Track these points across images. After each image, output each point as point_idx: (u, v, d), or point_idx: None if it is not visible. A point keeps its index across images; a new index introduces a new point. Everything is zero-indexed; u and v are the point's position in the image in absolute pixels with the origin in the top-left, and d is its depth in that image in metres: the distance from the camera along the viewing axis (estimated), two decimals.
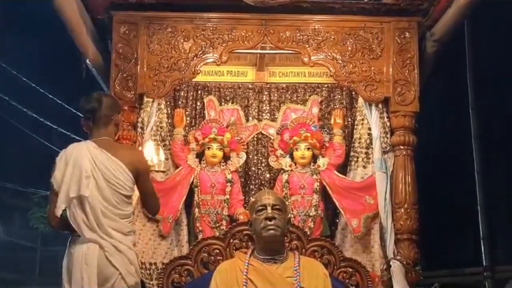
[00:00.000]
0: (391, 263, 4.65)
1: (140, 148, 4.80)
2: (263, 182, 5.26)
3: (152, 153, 4.50)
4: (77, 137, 4.74)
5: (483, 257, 9.50)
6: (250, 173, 5.30)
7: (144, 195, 4.31)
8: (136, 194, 4.36)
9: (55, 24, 4.89)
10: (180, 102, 5.30)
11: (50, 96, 9.63)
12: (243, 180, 5.25)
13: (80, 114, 4.62)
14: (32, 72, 9.34)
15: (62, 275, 4.11)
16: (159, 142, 5.07)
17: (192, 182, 5.05)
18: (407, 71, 4.90)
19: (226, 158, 5.13)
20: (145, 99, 4.94)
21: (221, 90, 5.40)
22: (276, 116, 5.34)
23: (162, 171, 4.71)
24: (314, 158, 5.11)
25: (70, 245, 4.11)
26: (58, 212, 4.05)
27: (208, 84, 5.37)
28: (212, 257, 4.44)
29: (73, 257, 4.03)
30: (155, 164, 4.50)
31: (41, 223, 9.85)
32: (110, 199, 4.09)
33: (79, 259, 4.00)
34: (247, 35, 4.90)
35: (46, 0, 4.44)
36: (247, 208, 4.80)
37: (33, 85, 9.52)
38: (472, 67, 9.40)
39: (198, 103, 5.35)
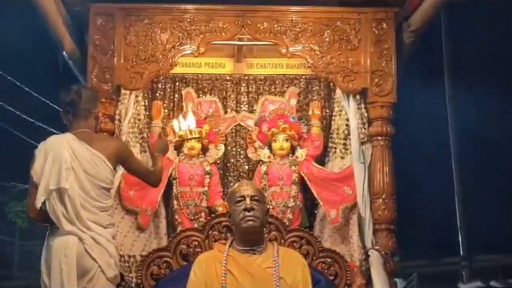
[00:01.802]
0: (369, 253, 4.67)
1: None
2: (241, 174, 5.26)
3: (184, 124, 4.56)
4: (54, 131, 4.71)
5: (460, 247, 9.63)
6: (228, 165, 5.30)
7: (137, 176, 4.35)
8: (114, 186, 4.36)
9: (31, 16, 4.85)
10: (157, 94, 5.28)
11: (27, 89, 9.55)
12: (221, 172, 5.25)
13: (57, 107, 4.61)
14: (7, 65, 9.25)
15: (41, 269, 4.11)
16: (137, 137, 5.06)
17: (171, 174, 5.04)
18: (384, 62, 4.91)
19: (204, 150, 5.12)
20: (123, 91, 4.91)
21: (199, 82, 5.38)
22: (254, 108, 5.34)
23: (197, 137, 4.90)
24: (293, 150, 5.11)
25: (49, 238, 4.10)
26: (38, 204, 4.04)
27: (186, 76, 5.35)
28: (191, 249, 4.44)
29: (52, 249, 4.02)
30: (193, 130, 4.58)
31: (19, 217, 9.77)
32: (90, 191, 4.09)
33: (58, 251, 3.99)
34: (225, 26, 4.88)
35: None
36: (225, 199, 4.81)
37: (9, 78, 9.43)
38: (448, 58, 9.49)
39: (176, 95, 5.33)
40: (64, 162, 4.04)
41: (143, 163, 4.39)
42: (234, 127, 5.32)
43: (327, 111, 5.27)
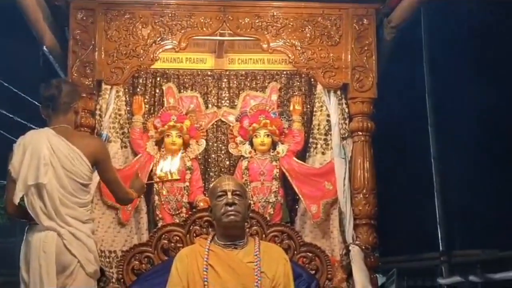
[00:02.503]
0: (350, 248, 4.69)
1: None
2: (222, 169, 5.26)
3: (167, 166, 4.46)
4: (33, 126, 4.67)
5: (440, 242, 9.70)
6: (209, 160, 5.30)
7: (107, 184, 4.29)
8: (94, 182, 4.33)
9: (11, 10, 4.80)
10: (138, 89, 5.26)
11: (5, 84, 9.49)
12: (202, 167, 5.24)
13: (37, 103, 4.57)
14: None
15: (19, 264, 4.08)
16: (118, 132, 5.03)
17: (151, 170, 5.02)
18: (365, 58, 4.92)
19: (185, 145, 5.11)
20: (103, 86, 4.89)
21: (180, 77, 5.36)
22: (236, 103, 5.33)
23: (177, 179, 4.61)
24: (274, 145, 5.12)
25: (27, 233, 4.07)
26: (16, 200, 4.01)
27: (167, 71, 5.33)
28: (173, 244, 4.43)
29: (31, 245, 3.99)
30: (173, 172, 4.44)
31: None
32: (68, 187, 4.07)
33: (37, 247, 3.97)
34: (206, 21, 4.87)
35: None
36: (207, 195, 4.80)
37: None
38: (428, 53, 9.56)
39: (157, 90, 5.32)
40: (42, 157, 4.01)
41: (117, 174, 4.33)
42: (215, 123, 5.32)
43: (308, 106, 5.29)
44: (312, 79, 5.14)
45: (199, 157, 5.20)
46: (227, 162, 5.27)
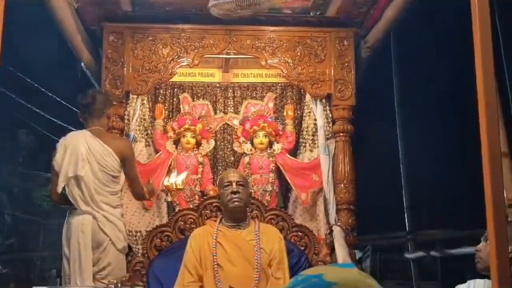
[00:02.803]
0: (333, 228, 4.69)
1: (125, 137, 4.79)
2: (228, 164, 5.23)
3: (174, 178, 4.43)
4: (72, 128, 4.68)
5: (407, 224, 9.68)
6: (217, 156, 5.27)
7: (128, 179, 4.28)
8: (123, 175, 4.33)
9: (55, 34, 4.80)
10: (159, 98, 5.24)
11: (50, 94, 9.48)
12: (212, 162, 5.22)
13: (75, 109, 4.57)
14: (38, 76, 9.20)
15: (62, 242, 4.08)
16: (143, 134, 5.02)
17: (170, 164, 5.00)
18: (345, 72, 4.93)
19: (198, 144, 5.09)
20: (131, 95, 4.90)
21: (193, 88, 5.34)
22: (239, 110, 5.31)
23: (180, 189, 4.50)
24: (270, 144, 5.09)
25: (68, 217, 4.09)
26: (59, 189, 4.04)
27: (183, 84, 5.31)
28: (187, 225, 4.43)
29: (71, 226, 4.01)
30: (175, 183, 4.40)
31: (43, 201, 9.69)
32: (101, 178, 4.08)
33: (76, 227, 3.98)
34: (215, 42, 4.88)
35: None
36: (215, 185, 4.79)
37: (39, 86, 9.37)
38: (396, 67, 9.58)
39: (175, 99, 5.29)
40: (80, 154, 4.03)
41: (138, 173, 4.30)
42: (222, 126, 5.29)
43: (299, 112, 5.26)
44: (302, 90, 5.12)
45: (209, 154, 5.18)
46: (232, 158, 5.25)
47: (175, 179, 4.38)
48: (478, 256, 3.27)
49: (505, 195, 2.87)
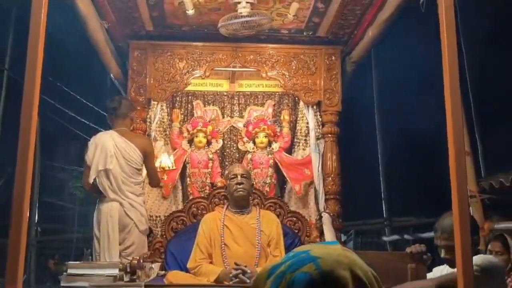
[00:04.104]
0: (322, 215, 4.68)
1: (148, 137, 4.78)
2: (234, 160, 5.21)
3: (168, 161, 4.50)
4: (101, 129, 4.68)
5: (384, 211, 9.69)
6: (225, 153, 5.26)
7: (148, 171, 4.29)
8: (144, 169, 4.33)
9: (89, 51, 4.79)
10: (176, 104, 5.22)
11: (83, 100, 9.49)
12: (220, 158, 5.20)
13: (103, 112, 4.57)
14: (74, 87, 9.24)
15: (93, 225, 4.09)
16: (162, 134, 5.02)
17: (185, 160, 5.00)
18: (333, 83, 4.92)
19: (208, 143, 5.06)
20: (152, 102, 4.89)
21: (205, 96, 5.32)
22: (243, 114, 5.29)
23: (173, 169, 4.64)
24: (269, 143, 5.08)
25: (99, 203, 4.09)
26: (90, 180, 4.05)
27: (196, 92, 5.29)
28: (199, 211, 4.44)
29: (101, 211, 4.01)
30: (170, 165, 4.51)
31: (78, 190, 9.69)
32: (127, 171, 4.09)
33: (105, 212, 3.99)
34: (223, 57, 4.88)
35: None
36: (223, 177, 4.78)
37: (75, 94, 9.39)
38: (376, 79, 9.60)
39: (189, 105, 5.27)
40: (109, 151, 4.05)
41: (155, 166, 4.35)
42: (229, 128, 5.27)
43: (293, 117, 5.23)
44: (296, 98, 5.11)
45: (218, 152, 5.16)
46: (237, 155, 5.24)
47: (170, 162, 4.46)
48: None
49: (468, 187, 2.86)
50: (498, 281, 2.70)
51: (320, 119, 4.92)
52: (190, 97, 5.28)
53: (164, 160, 4.51)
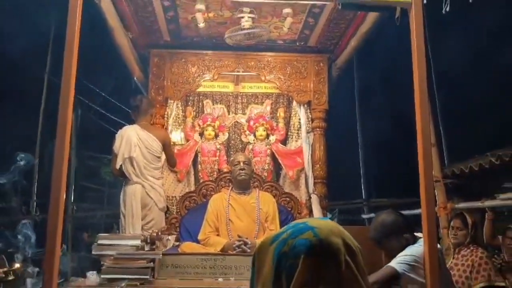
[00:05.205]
0: (311, 196, 4.70)
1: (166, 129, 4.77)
2: (237, 150, 5.20)
3: (178, 137, 4.55)
4: (125, 123, 4.69)
5: (363, 193, 9.70)
6: (230, 144, 5.24)
7: (167, 157, 4.30)
8: (163, 157, 4.33)
9: (115, 58, 4.76)
10: (189, 103, 5.20)
11: (112, 100, 9.48)
12: (226, 148, 5.19)
13: (127, 109, 4.57)
14: (104, 88, 9.25)
15: (120, 204, 4.10)
16: (177, 127, 5.01)
17: (197, 150, 5.00)
18: (321, 86, 4.91)
19: (216, 136, 5.06)
20: (169, 100, 4.89)
21: (213, 96, 5.30)
22: (245, 112, 5.28)
23: (181, 144, 4.69)
24: (268, 136, 5.07)
25: (124, 186, 4.10)
26: (117, 166, 4.05)
27: (206, 93, 5.27)
28: (208, 192, 4.44)
29: (126, 192, 4.02)
30: (179, 141, 4.56)
31: (107, 175, 9.70)
32: (148, 158, 4.09)
33: (130, 193, 4.00)
34: (229, 63, 4.87)
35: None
36: (228, 164, 4.78)
37: (105, 95, 9.39)
38: (358, 83, 9.58)
39: (200, 104, 5.26)
40: (133, 141, 4.04)
41: (173, 153, 4.40)
42: (234, 123, 5.26)
43: (288, 113, 5.23)
44: (290, 98, 5.10)
45: (224, 143, 5.16)
46: (240, 146, 5.23)
47: (179, 138, 4.58)
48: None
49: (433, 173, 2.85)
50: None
51: (310, 116, 4.92)
52: (201, 97, 5.26)
53: (175, 137, 4.57)
